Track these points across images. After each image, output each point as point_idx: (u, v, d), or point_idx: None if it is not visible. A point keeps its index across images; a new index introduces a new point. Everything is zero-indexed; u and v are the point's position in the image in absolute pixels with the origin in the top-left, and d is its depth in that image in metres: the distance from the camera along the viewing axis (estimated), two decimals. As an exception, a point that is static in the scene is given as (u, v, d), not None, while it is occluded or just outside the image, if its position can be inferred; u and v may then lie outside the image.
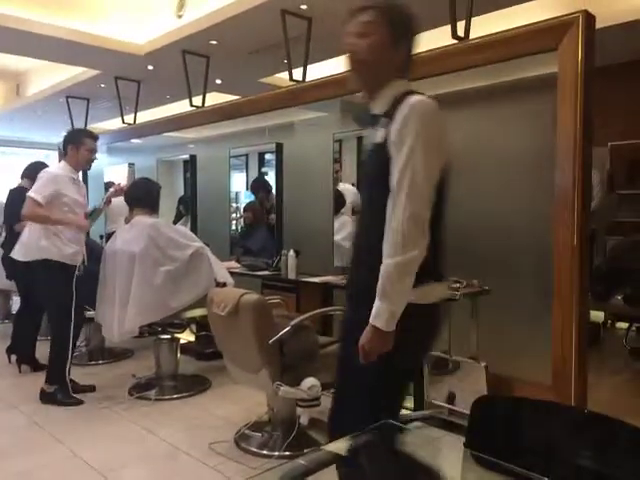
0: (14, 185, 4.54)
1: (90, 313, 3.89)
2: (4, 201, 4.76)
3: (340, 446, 2.50)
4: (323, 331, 3.26)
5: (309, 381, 2.54)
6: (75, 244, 3.46)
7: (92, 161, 3.67)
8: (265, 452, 2.69)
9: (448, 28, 3.04)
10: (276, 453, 2.66)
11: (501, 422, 1.17)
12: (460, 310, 2.92)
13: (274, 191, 4.30)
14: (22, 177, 4.30)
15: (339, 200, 3.82)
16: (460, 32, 3.01)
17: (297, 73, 3.96)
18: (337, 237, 3.77)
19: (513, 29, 2.70)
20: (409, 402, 3.17)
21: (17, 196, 4.18)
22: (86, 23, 4.45)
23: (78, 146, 3.54)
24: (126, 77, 5.39)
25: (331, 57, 4.86)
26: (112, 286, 3.47)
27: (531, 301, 3.00)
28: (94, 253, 4.27)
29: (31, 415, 3.24)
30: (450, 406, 2.92)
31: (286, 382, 2.57)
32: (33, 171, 4.27)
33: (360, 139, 3.93)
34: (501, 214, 3.17)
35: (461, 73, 2.96)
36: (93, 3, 4.49)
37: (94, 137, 3.72)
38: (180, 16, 4.27)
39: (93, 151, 3.62)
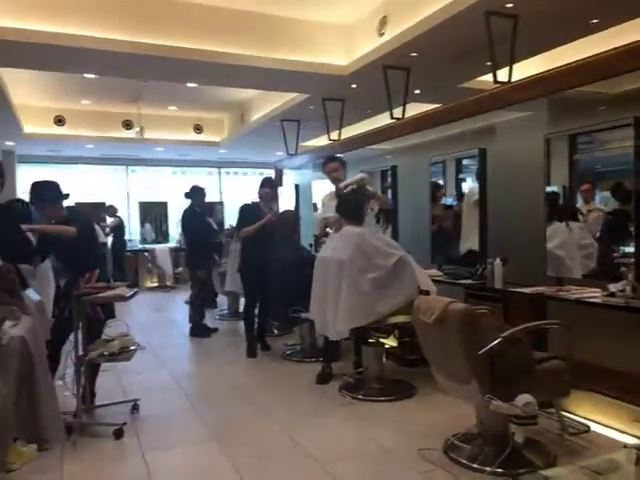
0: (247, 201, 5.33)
1: (304, 314, 4.29)
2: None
3: (560, 473, 2.32)
4: (537, 346, 3.05)
5: (524, 397, 2.41)
6: None
7: (335, 179, 4.37)
8: (476, 466, 2.63)
9: None
10: (488, 469, 2.58)
11: None
12: None
13: (477, 197, 4.18)
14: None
15: (552, 205, 3.55)
16: None
17: (500, 74, 3.81)
18: (550, 245, 3.50)
19: None
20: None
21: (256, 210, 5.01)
22: (297, 53, 4.94)
23: (324, 173, 4.48)
24: (332, 97, 5.81)
25: (536, 54, 4.57)
26: (325, 290, 3.75)
27: None
28: (303, 258, 4.71)
29: (260, 404, 3.70)
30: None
31: (497, 396, 2.48)
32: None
33: (572, 137, 3.61)
34: None
35: None
36: (302, 35, 4.96)
37: (327, 161, 4.49)
38: (382, 34, 4.46)
39: (329, 173, 4.41)
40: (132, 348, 3.37)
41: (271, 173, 11.60)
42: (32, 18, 4.12)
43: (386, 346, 4.41)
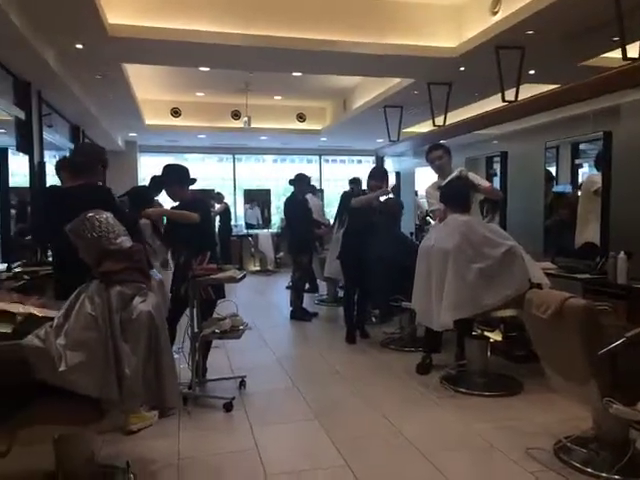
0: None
1: (405, 304, 4.25)
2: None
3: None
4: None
5: (650, 403, 2.22)
6: None
7: (439, 168, 4.21)
8: (590, 470, 2.47)
9: None
10: (604, 474, 2.41)
11: None
12: None
13: (599, 185, 3.86)
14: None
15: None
16: None
17: (630, 50, 3.47)
18: (685, 238, 3.16)
19: None
20: None
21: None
22: (405, 37, 4.84)
23: (427, 161, 4.30)
24: (438, 81, 5.64)
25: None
26: (428, 280, 3.68)
27: None
28: (405, 247, 4.65)
29: (359, 388, 3.74)
30: None
31: (618, 399, 2.30)
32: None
33: None
34: None
35: None
36: (410, 18, 4.85)
37: (431, 149, 4.28)
38: (495, 12, 4.23)
39: (432, 161, 4.24)
40: (241, 327, 3.55)
41: (370, 160, 11.63)
42: (155, 16, 4.42)
43: (490, 340, 4.26)
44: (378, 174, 5.07)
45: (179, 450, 2.80)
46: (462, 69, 5.19)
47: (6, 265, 4.22)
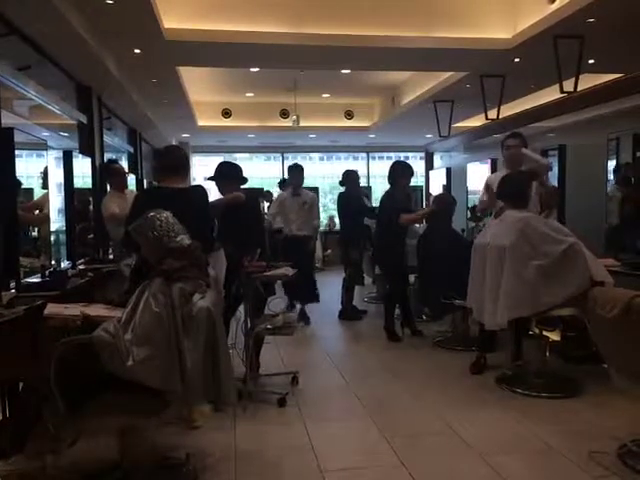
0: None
1: (458, 302, 4.17)
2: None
3: None
4: None
5: None
6: None
7: (511, 156, 4.07)
8: (659, 477, 2.36)
9: None
10: (676, 483, 2.30)
11: None
12: None
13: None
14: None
15: None
16: None
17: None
18: None
19: None
20: None
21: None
22: (457, 30, 4.75)
23: (503, 148, 4.15)
24: (491, 74, 5.49)
25: None
26: (483, 277, 3.60)
27: None
28: (457, 243, 4.56)
29: (412, 387, 3.71)
30: None
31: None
32: None
33: None
34: None
35: None
36: (462, 10, 4.74)
37: (509, 136, 4.14)
38: (553, 1, 4.08)
39: (507, 147, 4.08)
40: (294, 324, 3.59)
41: (417, 156, 11.47)
42: (208, 19, 4.52)
43: (549, 340, 4.12)
44: (409, 171, 4.99)
45: (235, 444, 2.86)
46: (517, 60, 5.04)
47: (71, 263, 4.44)
